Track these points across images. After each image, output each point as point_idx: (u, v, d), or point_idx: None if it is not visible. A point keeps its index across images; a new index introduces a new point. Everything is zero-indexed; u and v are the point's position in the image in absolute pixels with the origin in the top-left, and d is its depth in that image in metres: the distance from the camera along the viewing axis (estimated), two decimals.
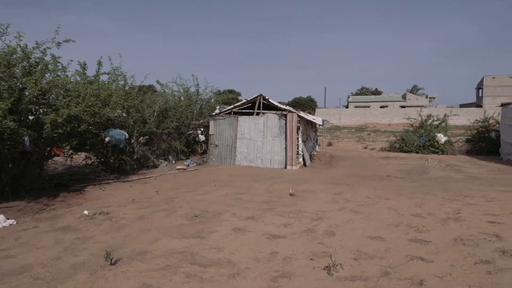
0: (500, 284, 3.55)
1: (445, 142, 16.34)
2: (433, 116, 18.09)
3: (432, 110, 44.39)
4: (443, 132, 16.97)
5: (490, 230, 5.24)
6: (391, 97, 74.45)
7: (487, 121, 17.28)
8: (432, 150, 16.24)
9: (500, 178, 9.95)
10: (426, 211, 6.30)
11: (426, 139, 16.42)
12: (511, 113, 13.84)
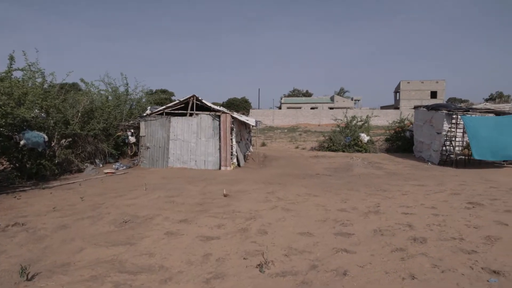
0: (411, 268, 3.96)
1: (367, 141, 17.71)
2: (357, 117, 19.51)
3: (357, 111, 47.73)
4: (366, 132, 18.38)
5: (404, 220, 5.80)
6: (321, 99, 78.47)
7: (402, 122, 19.11)
8: (356, 149, 17.49)
9: (413, 173, 11.08)
10: (350, 206, 6.78)
11: (351, 138, 17.64)
12: (421, 114, 15.47)
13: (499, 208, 6.54)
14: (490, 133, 11.80)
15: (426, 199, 7.34)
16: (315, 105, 71.58)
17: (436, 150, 13.67)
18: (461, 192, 8.05)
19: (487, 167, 12.43)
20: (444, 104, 15.49)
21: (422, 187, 8.67)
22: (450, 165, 12.79)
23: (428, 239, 4.90)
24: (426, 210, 6.46)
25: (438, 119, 13.76)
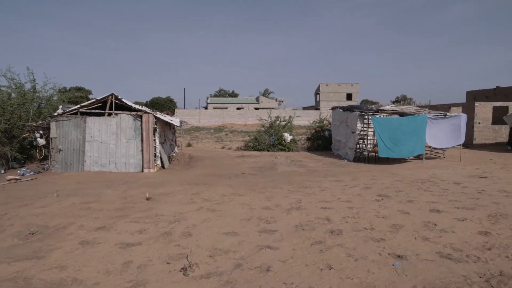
0: (329, 259, 4.22)
1: (290, 140, 18.49)
2: (281, 117, 20.25)
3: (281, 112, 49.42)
4: (289, 132, 19.17)
5: (323, 215, 6.17)
6: (247, 99, 79.74)
7: (322, 122, 20.33)
8: (280, 148, 18.14)
9: (331, 170, 11.85)
10: (274, 204, 6.99)
11: (275, 138, 18.25)
12: (338, 115, 16.64)
13: (403, 199, 7.32)
14: (394, 132, 13.17)
15: (342, 194, 7.91)
16: (241, 106, 72.48)
17: (351, 148, 14.81)
18: (372, 186, 8.83)
19: (394, 162, 13.85)
20: (357, 106, 16.86)
21: (339, 183, 9.32)
22: (363, 162, 13.96)
23: (344, 230, 5.27)
24: (342, 204, 6.96)
25: (352, 119, 14.93)
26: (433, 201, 7.14)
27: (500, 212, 6.23)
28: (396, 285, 3.57)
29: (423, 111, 15.37)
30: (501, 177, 10.09)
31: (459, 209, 6.51)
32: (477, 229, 5.31)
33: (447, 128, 14.41)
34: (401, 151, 13.32)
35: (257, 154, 17.30)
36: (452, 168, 12.05)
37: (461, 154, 15.16)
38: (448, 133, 14.44)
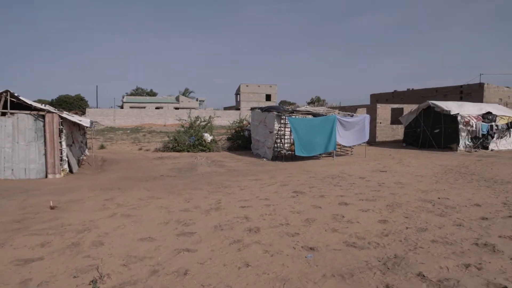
0: (247, 257, 4.31)
1: (211, 141, 18.44)
2: (201, 117, 20.07)
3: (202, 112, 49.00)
4: (209, 132, 19.09)
5: (242, 213, 6.28)
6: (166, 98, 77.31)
7: (241, 122, 20.67)
8: (200, 149, 17.97)
9: (250, 169, 12.12)
10: (193, 205, 6.90)
11: (195, 138, 18.02)
12: (257, 115, 17.09)
13: (316, 194, 7.82)
14: (307, 132, 14.03)
15: (261, 192, 8.14)
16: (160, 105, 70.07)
17: (269, 147, 15.34)
18: (288, 183, 9.27)
19: (309, 159, 14.72)
20: (275, 107, 17.51)
21: (258, 181, 9.58)
22: (280, 160, 14.57)
23: (261, 228, 5.44)
24: (260, 201, 7.17)
25: (270, 119, 15.48)
26: (341, 195, 7.77)
27: (396, 202, 7.04)
28: (308, 276, 3.80)
29: (334, 112, 16.63)
30: (398, 170, 11.41)
31: (363, 201, 7.19)
32: (377, 218, 5.92)
33: (354, 128, 15.80)
34: (314, 149, 14.25)
35: (177, 155, 16.90)
36: (358, 164, 13.25)
37: (365, 151, 16.74)
38: (355, 132, 15.84)
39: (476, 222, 5.68)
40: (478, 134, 17.71)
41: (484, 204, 6.80)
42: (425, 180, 9.58)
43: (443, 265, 4.03)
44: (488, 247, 4.57)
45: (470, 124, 17.63)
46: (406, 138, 21.57)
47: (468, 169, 11.49)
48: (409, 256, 4.29)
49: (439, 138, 18.86)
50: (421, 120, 19.91)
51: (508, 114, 19.45)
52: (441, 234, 5.11)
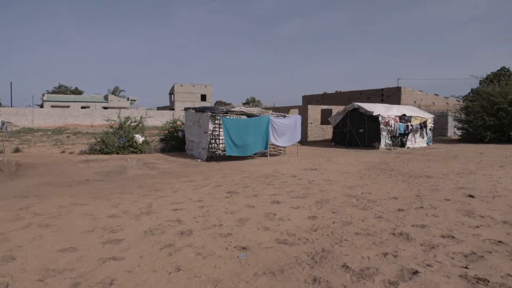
0: (178, 261, 4.20)
1: (142, 142, 17.68)
2: (132, 117, 19.15)
3: (133, 112, 46.86)
4: (141, 133, 18.30)
5: (174, 217, 6.11)
6: (93, 97, 72.56)
7: (175, 123, 20.15)
8: (131, 150, 17.14)
9: (184, 171, 11.87)
10: (122, 210, 6.55)
11: (126, 140, 17.14)
12: (191, 116, 16.80)
13: (249, 194, 7.92)
14: (241, 132, 14.18)
15: (194, 194, 8.01)
16: (87, 104, 65.56)
17: (204, 148, 15.17)
18: (222, 184, 9.25)
19: (244, 159, 14.87)
20: (209, 107, 17.37)
21: (192, 183, 9.42)
22: (215, 161, 14.50)
23: (194, 230, 5.35)
24: (194, 203, 7.05)
25: (204, 120, 15.32)
26: (274, 193, 7.97)
27: (325, 198, 7.41)
28: (240, 276, 3.82)
29: (267, 113, 17.00)
30: (327, 168, 12.04)
31: (294, 198, 7.45)
32: (307, 215, 6.18)
33: (287, 128, 16.32)
34: (247, 149, 14.46)
35: (105, 157, 15.90)
36: (291, 163, 13.72)
37: (297, 150, 17.40)
38: (288, 132, 16.37)
39: (394, 213, 6.21)
40: (396, 133, 19.44)
41: (400, 197, 7.47)
42: (350, 176, 10.24)
43: (365, 255, 4.33)
44: (403, 236, 5.02)
45: (390, 124, 19.28)
46: (334, 137, 22.87)
47: (387, 166, 12.54)
48: (335, 249, 4.54)
49: (363, 137, 20.31)
50: (347, 121, 21.26)
51: (421, 115, 21.65)
52: (364, 226, 5.49)
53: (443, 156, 15.42)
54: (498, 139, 22.67)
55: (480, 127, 22.75)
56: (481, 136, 22.65)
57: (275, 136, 15.53)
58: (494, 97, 22.77)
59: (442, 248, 4.53)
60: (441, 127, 30.45)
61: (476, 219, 5.79)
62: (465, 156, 15.32)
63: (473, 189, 8.10)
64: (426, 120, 21.33)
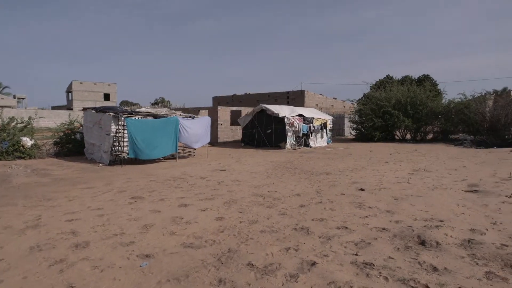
0: (71, 277, 3.79)
1: (32, 145, 15.64)
2: (18, 118, 16.80)
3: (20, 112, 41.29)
4: (29, 136, 16.17)
5: (68, 228, 5.52)
6: None
7: (72, 124, 18.30)
8: (18, 156, 15.03)
9: (83, 177, 10.85)
10: (1, 226, 5.67)
11: (9, 143, 14.96)
12: (91, 116, 15.45)
13: (156, 198, 7.59)
14: (148, 134, 13.56)
15: (93, 201, 7.36)
16: None
17: (106, 151, 14.09)
18: (126, 189, 8.69)
19: (151, 162, 14.22)
20: (111, 107, 16.20)
21: (91, 190, 8.65)
22: (120, 164, 13.58)
23: (91, 241, 4.90)
24: (92, 212, 6.48)
25: (106, 121, 14.23)
26: (182, 196, 7.78)
27: (232, 199, 7.50)
28: (142, 286, 3.61)
29: (176, 114, 16.56)
30: (236, 169, 12.22)
31: (202, 200, 7.38)
32: (215, 216, 6.16)
33: (197, 129, 16.11)
34: (154, 152, 13.86)
35: None
36: (200, 165, 13.59)
37: (207, 152, 17.33)
38: (197, 134, 16.16)
39: (296, 209, 6.58)
40: (300, 134, 20.73)
41: (302, 194, 7.96)
42: (258, 176, 10.57)
43: (269, 251, 4.49)
44: (303, 230, 5.34)
45: (294, 125, 20.47)
46: (244, 138, 23.39)
47: (292, 164, 13.28)
48: (241, 249, 4.60)
49: (270, 137, 21.18)
50: (256, 122, 21.95)
51: (322, 117, 23.47)
52: (269, 224, 5.69)
53: (340, 155, 16.96)
54: (385, 138, 25.85)
55: (370, 127, 25.62)
56: (371, 135, 25.53)
57: (184, 137, 15.20)
58: (381, 101, 25.90)
59: (337, 238, 4.95)
60: (339, 128, 33.46)
61: (365, 210, 6.47)
62: (358, 154, 17.09)
63: (364, 183, 9.05)
64: (326, 121, 23.21)
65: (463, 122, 23.75)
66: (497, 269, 3.92)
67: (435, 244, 4.65)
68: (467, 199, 7.28)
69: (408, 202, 6.97)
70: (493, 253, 4.34)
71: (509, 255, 4.25)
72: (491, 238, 4.86)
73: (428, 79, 47.78)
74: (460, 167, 11.81)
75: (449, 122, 24.91)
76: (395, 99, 25.79)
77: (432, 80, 48.46)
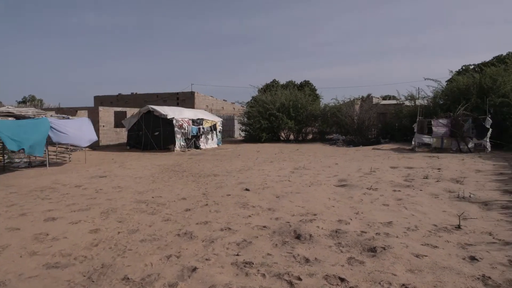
0: None
1: None
2: None
3: None
4: None
5: None
6: None
7: None
8: None
9: None
10: None
11: None
12: None
13: (14, 214, 6.49)
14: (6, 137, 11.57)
15: None
16: None
17: None
18: None
19: (10, 171, 12.20)
20: None
21: None
22: None
23: None
24: None
25: None
26: (50, 209, 6.83)
27: (112, 207, 6.91)
28: None
29: (46, 114, 14.57)
30: (118, 174, 11.35)
31: (75, 212, 6.60)
32: (89, 229, 5.57)
33: (72, 131, 14.42)
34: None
35: None
36: (77, 171, 12.23)
37: (86, 157, 15.70)
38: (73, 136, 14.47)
39: (181, 214, 6.41)
40: (189, 135, 20.47)
41: (189, 197, 7.82)
42: (143, 181, 10.01)
43: (148, 262, 4.23)
44: (187, 235, 5.22)
45: (183, 127, 20.10)
46: (129, 141, 21.97)
47: (181, 167, 12.98)
48: (116, 262, 4.24)
49: (159, 140, 20.37)
50: (142, 124, 20.83)
51: (211, 118, 23.60)
52: (151, 232, 5.40)
53: (229, 156, 17.30)
54: (271, 139, 27.40)
55: (258, 129, 26.84)
56: (259, 136, 26.76)
57: (56, 140, 13.45)
58: (267, 104, 27.38)
59: (220, 240, 4.97)
60: (229, 129, 34.20)
61: (249, 210, 6.68)
62: (246, 155, 17.71)
63: (249, 183, 9.37)
64: (216, 123, 23.42)
65: (337, 124, 26.79)
66: (357, 254, 4.45)
67: (309, 237, 5.05)
68: (337, 193, 8.17)
69: (288, 199, 7.46)
70: (354, 240, 4.92)
71: (367, 240, 4.88)
72: (354, 227, 5.52)
73: (308, 85, 52.61)
74: (333, 164, 13.24)
75: (325, 123, 27.87)
76: (280, 102, 27.57)
77: (312, 86, 53.57)
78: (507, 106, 18.25)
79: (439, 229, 5.41)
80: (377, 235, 5.07)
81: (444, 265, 4.04)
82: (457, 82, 22.19)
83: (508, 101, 18.23)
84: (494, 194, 7.74)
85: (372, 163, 13.32)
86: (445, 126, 18.07)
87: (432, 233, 5.23)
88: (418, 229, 5.39)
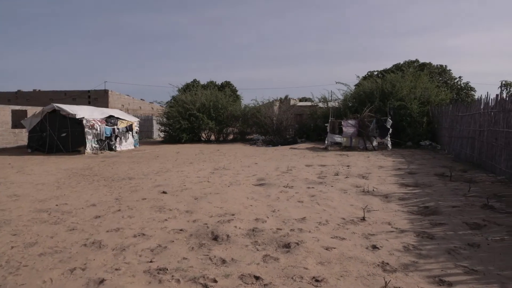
0: None
1: None
2: None
3: None
4: None
5: None
6: None
7: None
8: None
9: None
10: None
11: None
12: None
13: None
14: None
15: None
16: None
17: None
18: None
19: None
20: None
21: None
22: None
23: None
24: None
25: None
26: None
27: (5, 219, 6.07)
28: None
29: None
30: (16, 181, 10.04)
31: None
32: None
33: None
34: None
35: None
36: None
37: None
38: None
39: (89, 222, 5.91)
40: (102, 136, 19.06)
41: (99, 203, 7.25)
42: (46, 187, 9.01)
43: (47, 278, 3.81)
44: (95, 244, 4.82)
45: (95, 127, 18.65)
46: (31, 143, 19.63)
47: (92, 171, 12.00)
48: (8, 282, 3.72)
49: (66, 141, 18.58)
50: (46, 124, 18.78)
51: (127, 118, 22.30)
52: (52, 244, 4.87)
53: (146, 157, 16.53)
54: (192, 139, 26.92)
55: (178, 129, 26.15)
56: (179, 137, 26.09)
57: None
58: (187, 104, 26.85)
59: (132, 248, 4.69)
60: (147, 130, 32.74)
61: (166, 213, 6.44)
62: (165, 156, 17.11)
63: (167, 186, 9.05)
64: (132, 123, 22.19)
65: (256, 124, 27.44)
66: (272, 251, 4.58)
67: (226, 238, 5.05)
68: (255, 192, 8.33)
69: (207, 200, 7.38)
70: (270, 237, 5.06)
71: (282, 237, 5.06)
72: (270, 225, 5.68)
73: (229, 85, 52.92)
74: (253, 164, 13.50)
75: (246, 124, 28.35)
76: (200, 102, 27.25)
77: (233, 86, 54.03)
78: (404, 108, 20.72)
79: (346, 222, 5.86)
80: (291, 231, 5.29)
81: (350, 255, 4.37)
82: (363, 86, 24.49)
83: (404, 104, 20.72)
84: (393, 187, 8.67)
85: (289, 162, 13.92)
86: (354, 127, 19.75)
87: (340, 226, 5.64)
88: (328, 223, 5.77)
